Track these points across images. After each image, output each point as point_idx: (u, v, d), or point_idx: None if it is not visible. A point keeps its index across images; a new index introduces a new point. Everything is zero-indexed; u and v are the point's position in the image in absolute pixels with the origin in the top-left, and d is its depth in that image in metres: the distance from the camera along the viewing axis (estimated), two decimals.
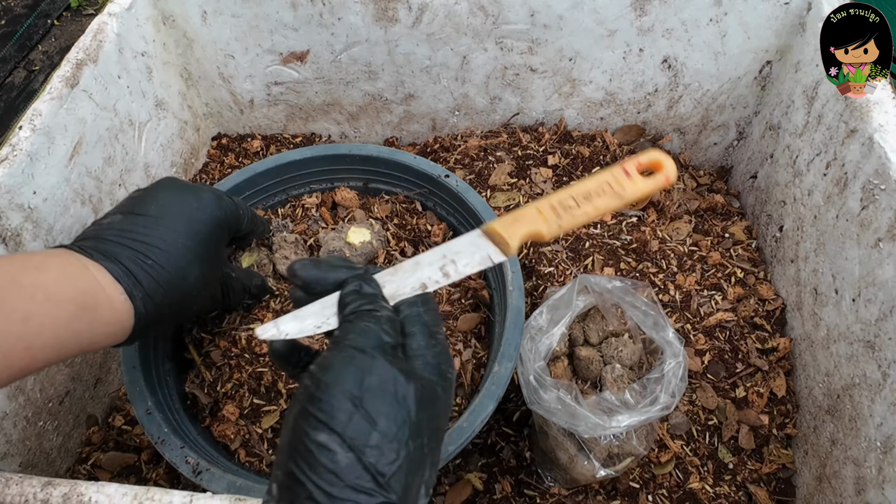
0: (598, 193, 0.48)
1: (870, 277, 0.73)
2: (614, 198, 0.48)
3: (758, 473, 0.84)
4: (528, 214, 0.47)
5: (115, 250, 0.53)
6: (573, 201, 0.47)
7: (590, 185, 0.48)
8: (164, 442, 0.64)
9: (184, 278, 0.56)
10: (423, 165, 0.86)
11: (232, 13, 0.99)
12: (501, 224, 0.47)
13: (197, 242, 0.58)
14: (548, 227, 0.47)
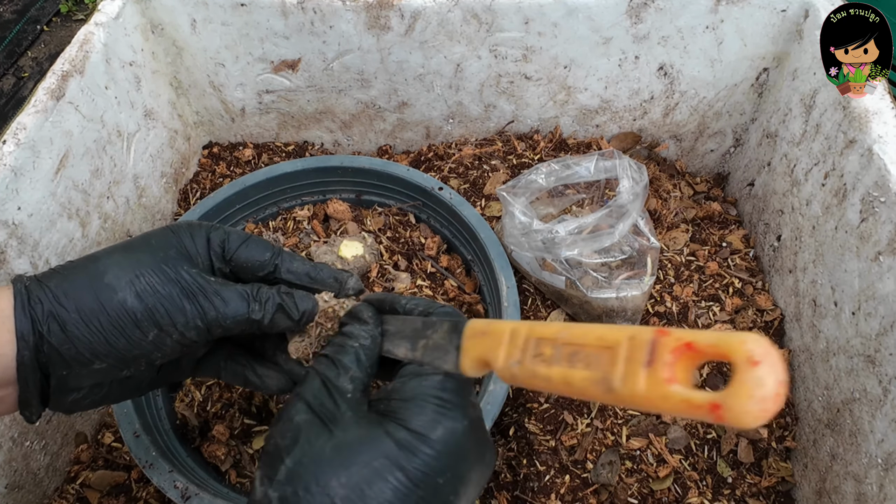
0: (588, 361, 0.29)
1: (870, 291, 0.72)
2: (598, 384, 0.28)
3: (757, 487, 0.83)
4: (497, 334, 0.35)
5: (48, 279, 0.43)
6: (552, 350, 0.31)
7: (589, 338, 0.30)
8: (153, 466, 0.62)
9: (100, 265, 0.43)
10: (417, 178, 0.85)
11: (222, 21, 0.98)
12: (473, 330, 0.37)
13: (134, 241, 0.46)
14: (502, 365, 0.34)
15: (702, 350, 0.25)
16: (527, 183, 0.92)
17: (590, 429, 0.83)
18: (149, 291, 0.42)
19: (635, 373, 0.26)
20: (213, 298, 0.44)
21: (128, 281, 0.42)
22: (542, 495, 0.79)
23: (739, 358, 0.23)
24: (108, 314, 0.41)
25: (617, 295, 0.86)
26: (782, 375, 0.23)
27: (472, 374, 0.36)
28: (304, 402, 0.39)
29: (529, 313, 0.92)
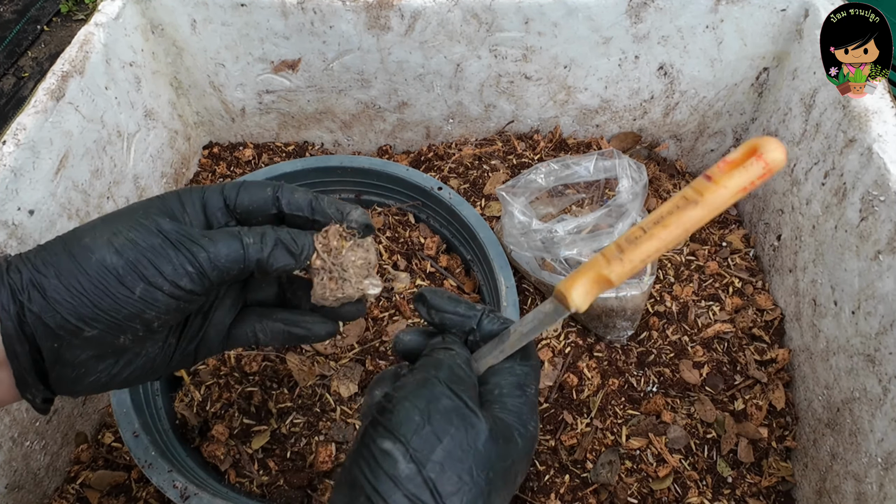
0: (671, 212, 0.37)
1: (870, 290, 0.72)
2: (689, 208, 0.36)
3: (757, 487, 0.83)
4: (590, 263, 0.40)
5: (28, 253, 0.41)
6: (640, 231, 0.38)
7: (663, 208, 0.38)
8: (152, 466, 0.62)
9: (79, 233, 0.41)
10: (416, 178, 0.85)
11: (222, 22, 0.98)
12: (563, 281, 0.41)
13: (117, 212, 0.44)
14: (609, 267, 0.38)
15: (735, 160, 0.35)
16: (526, 183, 0.92)
17: (589, 429, 0.83)
18: (128, 246, 0.40)
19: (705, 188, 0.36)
20: (201, 241, 0.41)
21: (105, 240, 0.40)
22: (541, 495, 0.79)
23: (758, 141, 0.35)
24: (87, 274, 0.39)
25: (616, 295, 0.86)
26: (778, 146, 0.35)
27: (579, 303, 0.40)
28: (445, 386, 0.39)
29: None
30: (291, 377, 0.75)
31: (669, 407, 0.86)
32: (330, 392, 0.74)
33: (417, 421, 0.37)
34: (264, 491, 0.71)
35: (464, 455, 0.37)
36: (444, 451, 0.36)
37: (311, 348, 0.77)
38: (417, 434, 0.36)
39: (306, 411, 0.74)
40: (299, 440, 0.72)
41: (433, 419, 0.37)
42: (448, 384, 0.39)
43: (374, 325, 0.80)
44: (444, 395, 0.38)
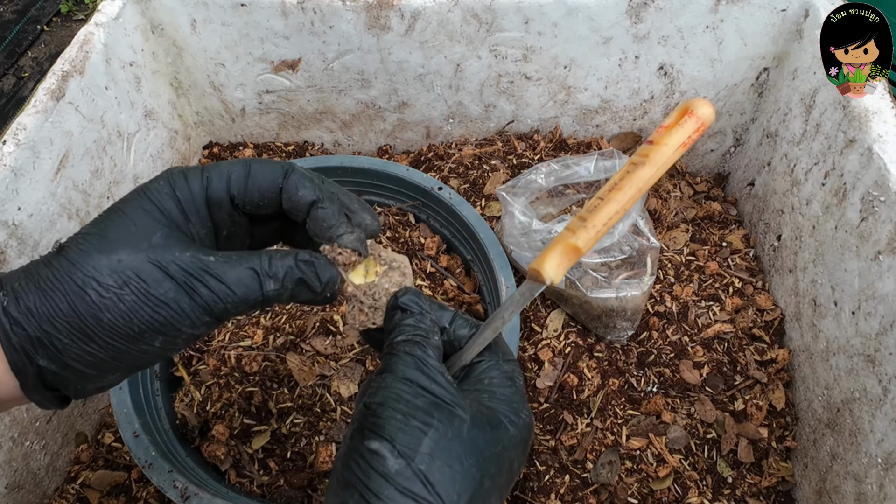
0: (623, 176, 0.40)
1: (870, 290, 0.72)
2: (639, 169, 0.39)
3: (757, 487, 0.83)
4: (557, 237, 0.42)
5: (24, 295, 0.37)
6: (598, 200, 0.41)
7: (615, 176, 0.41)
8: (152, 466, 0.62)
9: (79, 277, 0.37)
10: (416, 178, 0.85)
11: (222, 21, 0.98)
12: (535, 261, 0.43)
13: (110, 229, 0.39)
14: (575, 235, 0.41)
15: (671, 123, 0.39)
16: (526, 183, 0.92)
17: (589, 429, 0.83)
18: (140, 302, 0.37)
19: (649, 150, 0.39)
20: (215, 286, 0.38)
21: (115, 294, 0.37)
22: (541, 495, 0.79)
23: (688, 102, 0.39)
24: (102, 336, 0.37)
25: (617, 295, 0.86)
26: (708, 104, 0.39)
27: (559, 277, 0.41)
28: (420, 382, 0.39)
29: (529, 313, 0.92)
30: (292, 377, 0.75)
31: (669, 407, 0.86)
32: (330, 392, 0.74)
33: (400, 419, 0.37)
34: (265, 491, 0.71)
35: (450, 444, 0.37)
36: (431, 443, 0.37)
37: (311, 348, 0.77)
38: (402, 431, 0.37)
39: (307, 411, 0.74)
40: (300, 440, 0.73)
41: (415, 415, 0.38)
42: (421, 379, 0.40)
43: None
44: (420, 392, 0.39)
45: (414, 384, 0.39)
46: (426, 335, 0.43)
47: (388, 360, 0.41)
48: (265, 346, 0.77)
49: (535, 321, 0.92)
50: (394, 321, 0.44)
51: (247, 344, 0.77)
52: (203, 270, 0.38)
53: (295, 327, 0.78)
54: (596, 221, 0.40)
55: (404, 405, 0.38)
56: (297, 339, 0.78)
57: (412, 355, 0.41)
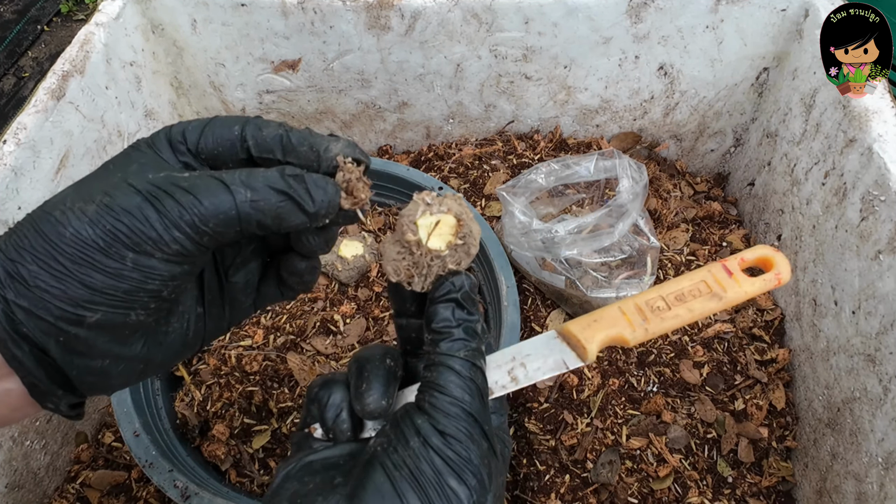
0: (694, 294, 0.41)
1: (870, 290, 0.72)
2: (712, 299, 0.41)
3: (757, 487, 0.83)
4: (609, 315, 0.42)
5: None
6: (663, 302, 0.41)
7: (683, 284, 0.42)
8: (153, 465, 0.62)
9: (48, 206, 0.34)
10: (417, 177, 0.85)
11: (222, 21, 0.98)
12: (578, 326, 0.42)
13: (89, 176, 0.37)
14: (632, 331, 0.41)
15: (749, 260, 0.43)
16: (527, 183, 0.92)
17: (590, 428, 0.83)
18: (103, 212, 0.33)
19: (726, 283, 0.41)
20: (181, 196, 0.33)
21: (78, 210, 0.33)
22: (542, 495, 0.79)
23: (773, 253, 0.43)
24: (66, 252, 0.33)
25: (617, 294, 0.86)
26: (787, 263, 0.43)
27: (593, 357, 0.41)
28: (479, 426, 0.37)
29: (529, 313, 0.92)
30: (292, 377, 0.75)
31: (670, 407, 0.86)
32: None
33: (475, 466, 0.36)
34: (265, 490, 0.71)
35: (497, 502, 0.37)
36: (493, 499, 0.36)
37: (311, 348, 0.77)
38: (476, 478, 0.35)
39: None
40: None
41: (484, 463, 0.36)
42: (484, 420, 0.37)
43: (374, 325, 0.80)
44: (484, 436, 0.37)
45: (479, 424, 0.37)
46: (483, 358, 0.39)
47: (449, 377, 0.37)
48: (265, 345, 0.77)
49: (535, 321, 0.92)
50: (445, 316, 0.38)
51: (247, 343, 0.77)
52: (172, 184, 0.34)
53: (295, 327, 0.78)
54: (654, 329, 0.41)
55: (477, 448, 0.36)
56: (298, 339, 0.78)
57: (476, 384, 0.38)
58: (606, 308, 0.42)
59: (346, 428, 0.39)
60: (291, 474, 0.37)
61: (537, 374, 0.41)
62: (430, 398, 0.36)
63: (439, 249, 0.38)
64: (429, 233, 0.38)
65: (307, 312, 0.80)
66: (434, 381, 0.37)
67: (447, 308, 0.39)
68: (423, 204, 0.38)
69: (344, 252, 0.80)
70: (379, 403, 0.38)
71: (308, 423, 0.40)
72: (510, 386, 0.41)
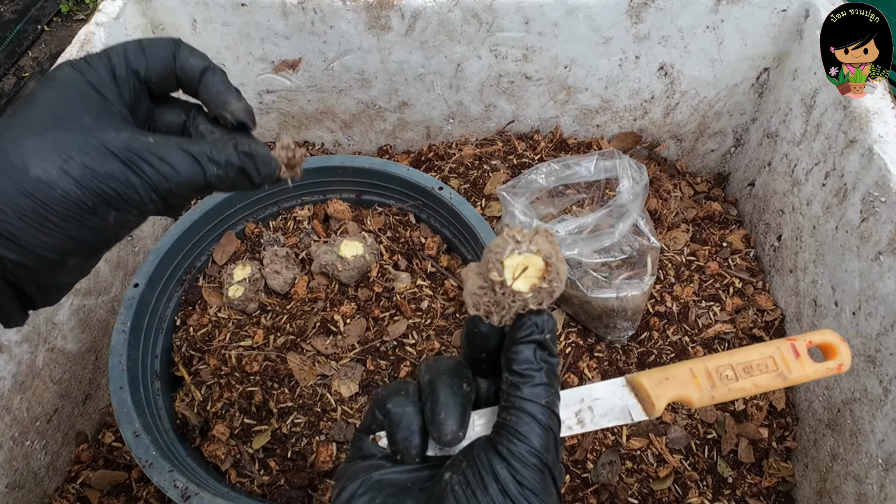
0: (761, 369, 0.44)
1: (870, 291, 0.72)
2: (777, 378, 0.43)
3: (757, 487, 0.83)
4: (680, 375, 0.43)
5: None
6: (732, 371, 0.44)
7: (752, 356, 0.44)
8: (153, 465, 0.62)
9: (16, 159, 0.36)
10: (417, 177, 0.85)
11: (222, 21, 0.98)
12: (650, 380, 0.43)
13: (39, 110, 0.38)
14: (700, 395, 0.43)
15: (816, 343, 0.45)
16: (527, 183, 0.92)
17: None
18: (87, 175, 0.36)
19: (792, 363, 0.44)
20: (160, 166, 0.38)
21: (59, 169, 0.35)
22: None
23: (838, 342, 0.44)
24: (57, 212, 0.36)
25: (617, 295, 0.86)
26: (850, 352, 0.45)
27: (659, 413, 0.43)
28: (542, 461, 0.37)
29: None
30: (292, 377, 0.75)
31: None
32: (331, 392, 0.74)
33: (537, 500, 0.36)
34: (265, 491, 0.71)
35: None
36: None
37: (311, 348, 0.77)
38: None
39: (307, 411, 0.74)
40: (300, 440, 0.73)
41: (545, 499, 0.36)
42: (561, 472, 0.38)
43: (374, 325, 0.80)
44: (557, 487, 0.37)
45: (553, 477, 0.37)
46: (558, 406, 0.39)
47: (530, 426, 0.36)
48: (266, 345, 0.77)
49: None
50: (527, 356, 0.38)
51: (247, 344, 0.77)
52: (146, 150, 0.38)
53: (295, 327, 0.78)
54: (719, 395, 0.43)
55: (549, 498, 0.36)
56: (298, 339, 0.78)
57: (554, 434, 0.37)
58: (678, 366, 0.44)
59: (416, 453, 0.38)
60: (360, 493, 0.37)
61: (603, 421, 0.42)
62: (510, 445, 0.36)
63: (523, 292, 0.37)
64: (514, 275, 0.37)
65: (307, 312, 0.80)
66: (515, 427, 0.36)
67: (529, 349, 0.38)
68: (513, 242, 0.37)
69: (344, 252, 0.80)
70: (456, 435, 0.37)
71: (373, 430, 0.40)
72: (576, 428, 0.41)
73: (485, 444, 0.37)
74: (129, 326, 0.72)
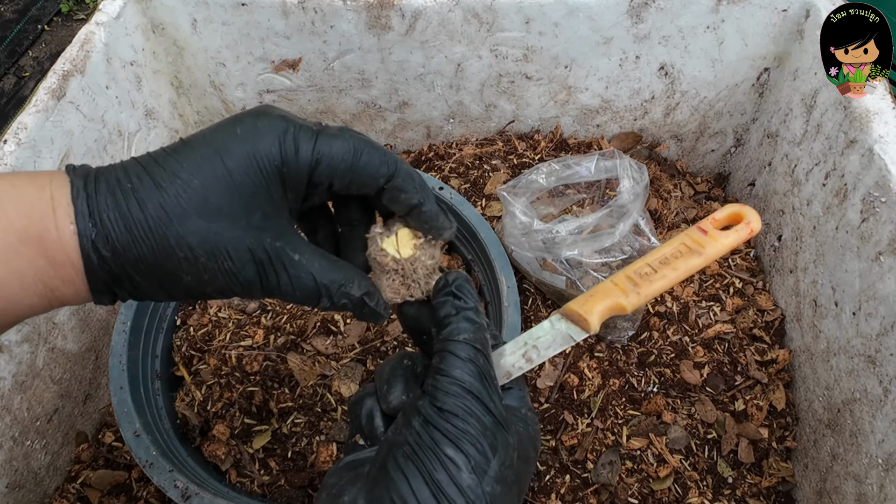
0: (676, 256, 0.46)
1: (870, 291, 0.72)
2: (694, 257, 0.45)
3: (757, 487, 0.83)
4: (603, 289, 0.45)
5: (106, 172, 0.38)
6: (649, 268, 0.45)
7: (665, 250, 0.46)
8: (153, 465, 0.62)
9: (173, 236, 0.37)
10: None
11: (222, 21, 0.98)
12: (578, 303, 0.45)
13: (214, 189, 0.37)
14: (627, 298, 0.45)
15: (721, 219, 0.47)
16: (527, 183, 0.92)
17: (590, 429, 0.83)
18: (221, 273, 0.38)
19: (703, 240, 0.46)
20: (284, 284, 0.40)
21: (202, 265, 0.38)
22: (542, 495, 0.79)
23: (741, 208, 0.47)
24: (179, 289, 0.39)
25: None
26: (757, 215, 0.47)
27: (596, 327, 0.44)
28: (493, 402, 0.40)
29: (530, 313, 0.92)
30: (292, 377, 0.75)
31: (670, 407, 0.86)
32: (331, 392, 0.74)
33: (473, 435, 0.37)
34: (265, 491, 0.71)
35: (506, 473, 0.38)
36: (496, 467, 0.37)
37: (312, 348, 0.77)
38: (475, 447, 0.37)
39: (307, 411, 0.74)
40: (300, 440, 0.73)
41: (485, 434, 0.38)
42: (485, 397, 0.39)
43: (374, 325, 0.80)
44: (486, 410, 0.39)
45: (480, 400, 0.39)
46: (485, 342, 0.41)
47: (450, 360, 0.39)
48: (266, 345, 0.77)
49: (536, 321, 0.92)
50: (446, 309, 0.42)
51: (248, 343, 0.77)
52: (283, 265, 0.39)
53: (296, 327, 0.78)
54: (647, 291, 0.45)
55: (476, 421, 0.38)
56: (298, 339, 0.78)
57: (476, 364, 0.39)
58: (600, 284, 0.46)
59: (379, 432, 0.41)
60: (332, 472, 0.40)
61: (549, 352, 0.45)
62: (432, 381, 0.39)
63: (413, 254, 0.43)
64: (396, 248, 0.43)
65: (307, 312, 0.80)
66: (436, 365, 0.39)
67: (446, 302, 0.42)
68: (377, 233, 0.43)
69: None
70: (399, 399, 0.41)
71: (353, 435, 0.43)
72: (526, 366, 0.44)
73: (416, 396, 0.40)
74: (130, 326, 0.72)
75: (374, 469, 0.38)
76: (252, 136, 0.38)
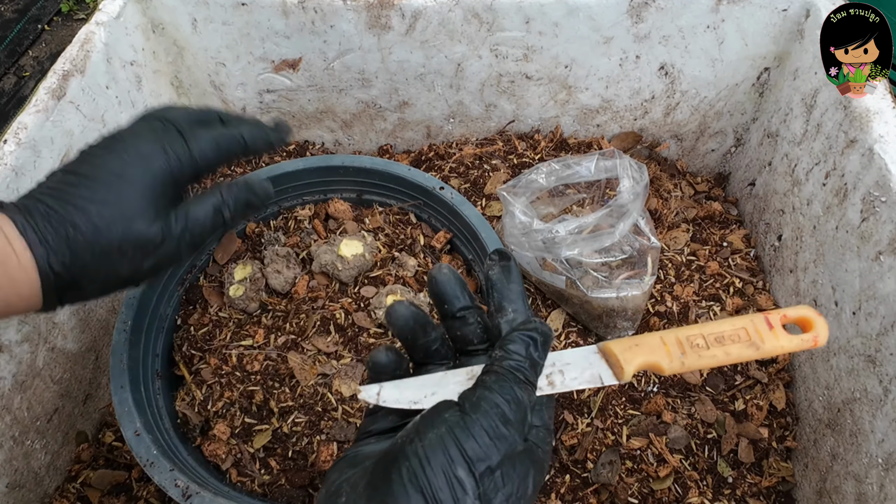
0: (733, 339, 0.43)
1: (870, 291, 0.72)
2: (749, 347, 0.43)
3: (757, 487, 0.83)
4: (650, 343, 0.44)
5: (31, 205, 0.48)
6: (703, 340, 0.44)
7: (724, 327, 0.44)
8: (153, 464, 0.62)
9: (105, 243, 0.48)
10: (418, 177, 0.85)
11: (223, 21, 0.98)
12: (620, 346, 0.44)
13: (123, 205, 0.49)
14: (669, 361, 0.43)
15: (791, 318, 0.45)
16: (527, 182, 0.92)
17: (590, 428, 0.83)
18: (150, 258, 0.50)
19: (765, 334, 0.43)
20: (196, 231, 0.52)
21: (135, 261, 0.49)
22: (542, 495, 0.79)
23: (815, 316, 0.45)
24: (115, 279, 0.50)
25: (617, 294, 0.86)
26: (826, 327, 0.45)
27: (629, 378, 0.44)
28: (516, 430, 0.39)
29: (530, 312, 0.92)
30: (293, 376, 0.75)
31: (670, 407, 0.86)
32: (332, 391, 0.74)
33: (493, 465, 0.37)
34: (266, 490, 0.71)
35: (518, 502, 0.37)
36: (502, 500, 0.37)
37: (312, 347, 0.77)
38: (487, 478, 0.36)
39: (308, 410, 0.74)
40: (301, 439, 0.73)
41: (503, 467, 0.37)
42: (518, 426, 0.38)
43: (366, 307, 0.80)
44: (513, 443, 0.38)
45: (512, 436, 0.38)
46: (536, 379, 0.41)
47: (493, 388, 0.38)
48: (266, 345, 0.77)
49: None
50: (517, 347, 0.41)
51: (248, 343, 0.77)
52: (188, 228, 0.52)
53: (296, 326, 0.79)
54: (691, 364, 0.43)
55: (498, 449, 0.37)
56: (299, 339, 0.78)
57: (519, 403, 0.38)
58: (649, 335, 0.44)
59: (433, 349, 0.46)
60: (333, 467, 0.40)
61: (573, 383, 0.43)
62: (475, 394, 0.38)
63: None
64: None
65: (307, 312, 0.80)
66: (485, 383, 0.39)
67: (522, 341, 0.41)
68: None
69: (344, 251, 0.80)
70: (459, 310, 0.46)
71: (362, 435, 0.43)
72: (546, 389, 0.42)
73: (446, 401, 0.39)
74: (130, 326, 0.72)
75: (378, 469, 0.37)
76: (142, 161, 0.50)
